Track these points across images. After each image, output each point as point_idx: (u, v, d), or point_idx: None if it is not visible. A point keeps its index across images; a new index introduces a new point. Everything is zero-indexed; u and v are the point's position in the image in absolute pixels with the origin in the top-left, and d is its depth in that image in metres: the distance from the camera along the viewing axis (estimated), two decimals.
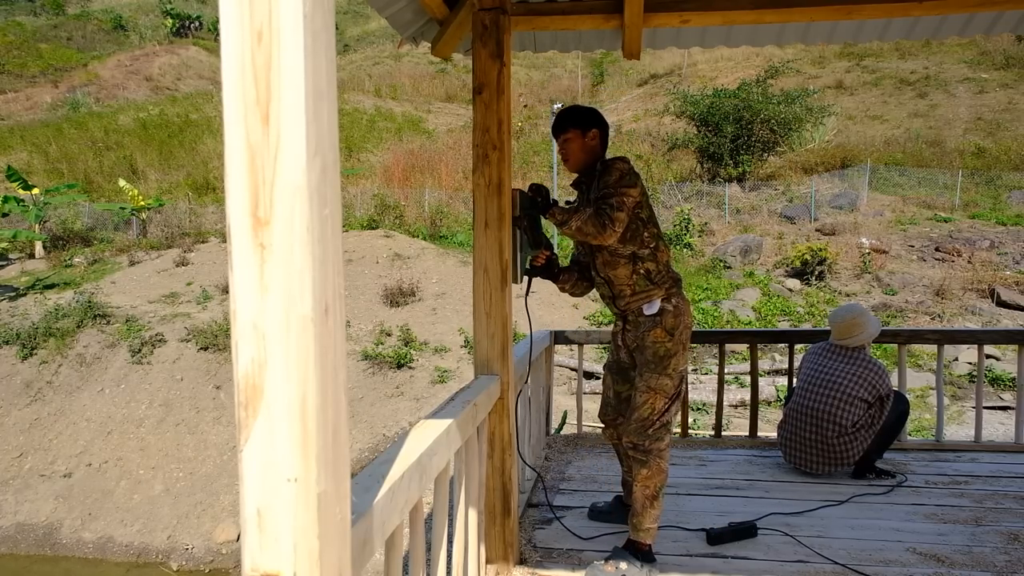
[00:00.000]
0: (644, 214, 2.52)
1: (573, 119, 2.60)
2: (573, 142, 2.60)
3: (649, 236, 2.53)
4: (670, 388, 2.50)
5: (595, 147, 2.61)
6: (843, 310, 3.57)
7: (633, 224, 2.50)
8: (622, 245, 2.52)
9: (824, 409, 3.40)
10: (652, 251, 2.53)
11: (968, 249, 14.51)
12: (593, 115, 2.63)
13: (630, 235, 2.50)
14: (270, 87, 0.77)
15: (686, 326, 2.53)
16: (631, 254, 2.52)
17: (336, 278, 0.85)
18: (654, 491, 2.46)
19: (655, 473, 2.47)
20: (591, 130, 2.59)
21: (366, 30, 42.56)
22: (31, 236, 15.71)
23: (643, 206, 2.52)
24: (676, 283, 2.57)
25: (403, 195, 19.02)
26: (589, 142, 2.60)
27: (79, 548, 8.07)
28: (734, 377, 9.59)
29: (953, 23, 2.86)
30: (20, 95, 29.17)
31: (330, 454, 0.85)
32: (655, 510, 2.47)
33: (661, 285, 2.53)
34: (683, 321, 2.52)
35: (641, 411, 2.50)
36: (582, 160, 2.62)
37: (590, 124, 2.59)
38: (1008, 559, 2.55)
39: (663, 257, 2.55)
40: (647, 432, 2.48)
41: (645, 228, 2.52)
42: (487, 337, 2.39)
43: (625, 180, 2.44)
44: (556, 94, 28.18)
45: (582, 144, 2.60)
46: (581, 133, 2.58)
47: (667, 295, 2.53)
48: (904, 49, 27.19)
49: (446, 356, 10.43)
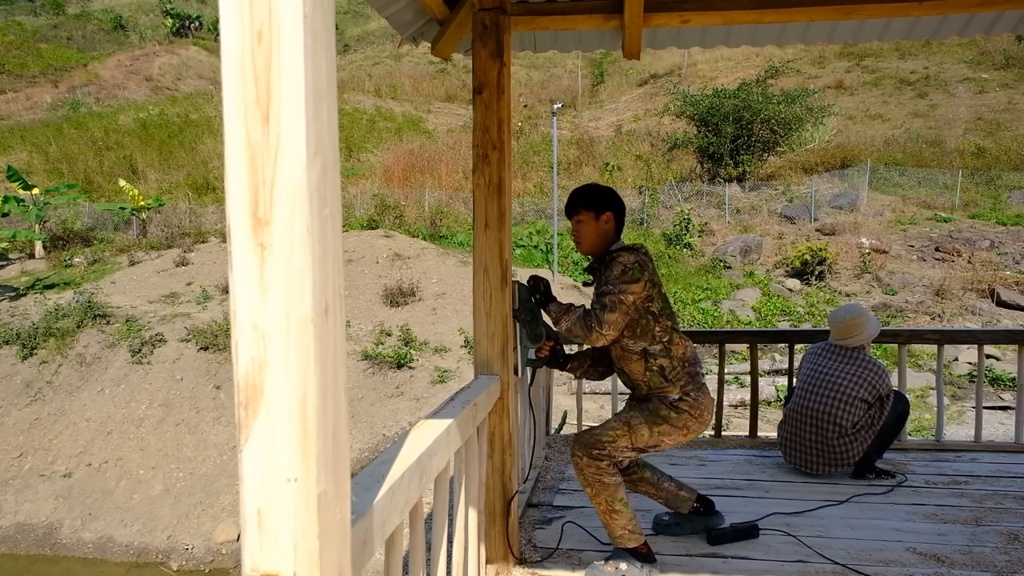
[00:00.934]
0: (655, 307, 2.41)
1: (586, 200, 2.50)
2: (586, 225, 2.50)
3: (661, 330, 2.42)
4: (642, 439, 2.41)
5: (608, 231, 2.51)
6: (842, 310, 3.57)
7: (643, 319, 2.40)
8: (632, 341, 2.43)
9: (824, 410, 3.40)
10: (665, 346, 2.42)
11: (968, 249, 14.51)
12: (608, 197, 2.52)
13: (640, 331, 2.41)
14: (270, 87, 0.76)
15: (698, 421, 2.43)
16: (642, 350, 2.42)
17: (336, 278, 0.85)
18: (607, 505, 2.41)
19: (600, 491, 2.41)
20: (605, 213, 2.48)
21: (366, 30, 42.56)
22: (31, 236, 15.71)
23: (653, 299, 2.40)
24: (693, 378, 2.45)
25: (403, 195, 19.03)
26: (603, 225, 2.50)
27: (79, 548, 8.07)
28: (734, 377, 9.60)
29: (953, 23, 2.86)
30: (20, 95, 29.17)
31: (330, 454, 0.85)
32: (619, 519, 2.41)
33: (676, 382, 2.43)
34: (697, 419, 2.42)
35: (602, 433, 2.43)
36: (594, 244, 2.51)
37: (604, 206, 2.49)
38: (1008, 559, 2.55)
39: (678, 351, 2.44)
40: (592, 452, 2.41)
41: (656, 322, 2.41)
42: (487, 337, 2.39)
43: (627, 275, 2.34)
44: (556, 94, 28.18)
45: (595, 227, 2.50)
46: (594, 216, 2.48)
47: (683, 392, 2.43)
48: (904, 49, 27.20)
49: (446, 356, 10.43)
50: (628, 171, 21.55)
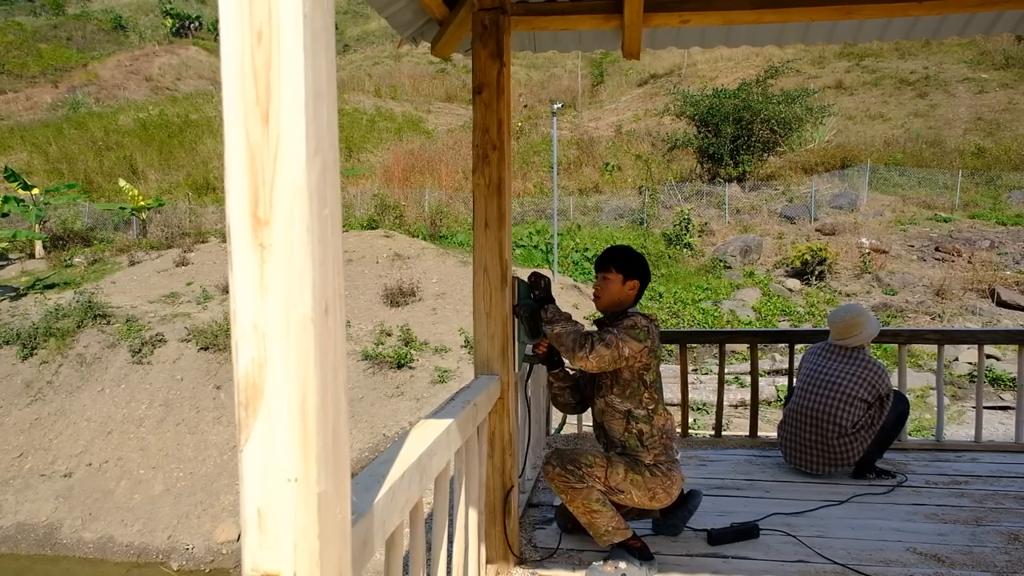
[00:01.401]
0: (649, 377, 2.49)
1: (620, 262, 2.59)
2: (612, 283, 2.59)
3: (649, 399, 2.50)
4: (615, 479, 2.44)
5: (629, 297, 2.60)
6: (842, 310, 3.57)
7: (634, 383, 2.48)
8: (620, 400, 2.50)
9: (824, 410, 3.40)
10: (649, 413, 2.50)
11: (968, 249, 14.51)
12: (641, 265, 2.61)
13: (629, 392, 2.49)
14: (270, 87, 0.76)
15: (665, 491, 2.48)
16: (627, 411, 2.50)
17: (336, 278, 0.85)
18: (584, 507, 2.43)
19: (573, 497, 2.42)
20: (632, 280, 2.58)
21: (366, 30, 42.57)
22: (31, 236, 15.71)
23: (650, 368, 2.49)
24: (667, 451, 2.50)
25: (403, 195, 19.03)
26: (627, 291, 2.59)
27: (79, 548, 8.07)
28: (734, 377, 9.60)
29: (953, 23, 2.86)
30: (20, 95, 29.19)
31: (330, 454, 0.85)
32: (600, 518, 2.43)
33: (651, 450, 2.49)
34: (665, 490, 2.48)
35: (581, 456, 2.45)
36: (611, 304, 2.60)
37: (634, 274, 2.59)
38: (1008, 559, 2.55)
39: (659, 421, 2.51)
40: (565, 464, 2.42)
41: (646, 390, 2.49)
42: (487, 337, 2.39)
43: (634, 332, 2.42)
44: (556, 94, 28.18)
45: (619, 290, 2.59)
46: (623, 279, 2.58)
47: (656, 461, 2.48)
48: (904, 49, 27.20)
49: (446, 356, 10.43)
50: (628, 171, 21.55)
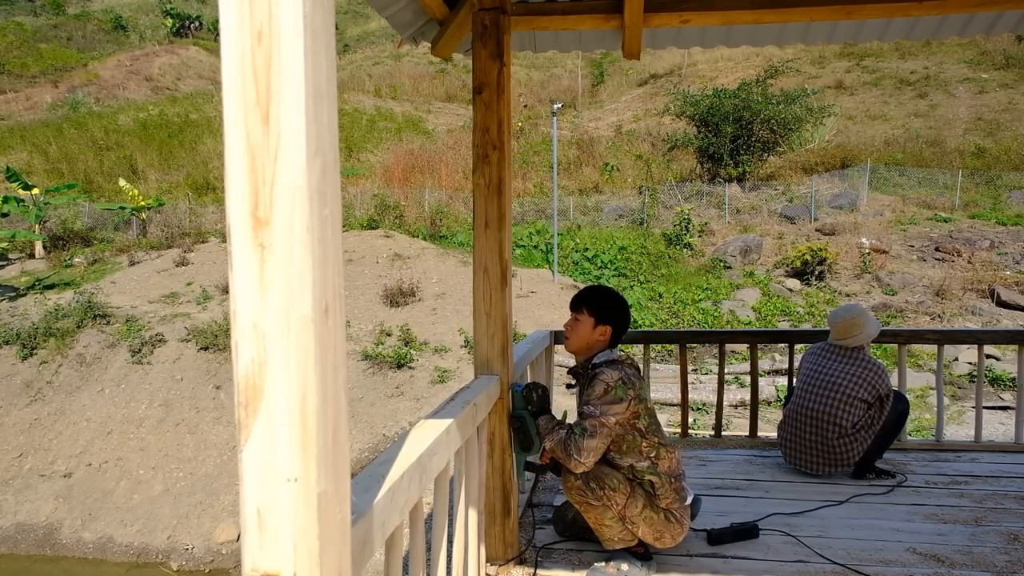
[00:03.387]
0: (642, 424, 2.36)
1: (592, 303, 2.46)
2: (582, 326, 2.46)
3: (648, 446, 2.38)
4: (632, 512, 2.38)
5: (600, 343, 2.46)
6: (842, 310, 3.56)
7: (629, 436, 2.35)
8: (619, 456, 2.38)
9: (824, 410, 3.39)
10: (652, 461, 2.38)
11: (968, 249, 14.52)
12: (615, 310, 2.46)
13: (626, 447, 2.37)
14: (270, 87, 0.76)
15: (671, 539, 2.42)
16: (629, 466, 2.38)
17: (336, 278, 0.85)
18: (597, 522, 2.41)
19: (587, 510, 2.40)
20: (603, 325, 2.44)
21: (366, 30, 42.57)
22: (31, 236, 15.71)
23: (640, 415, 2.35)
24: (679, 494, 2.42)
25: (403, 195, 19.03)
26: (596, 336, 2.45)
27: (79, 548, 8.07)
28: (734, 377, 9.60)
29: (953, 23, 2.86)
30: (20, 95, 29.19)
31: (330, 454, 0.85)
32: (610, 532, 2.42)
33: (663, 498, 2.39)
34: (672, 536, 2.41)
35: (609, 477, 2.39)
36: (580, 348, 2.48)
37: (606, 319, 2.44)
38: (1008, 559, 2.55)
39: (664, 465, 2.39)
40: (590, 483, 2.35)
41: (644, 438, 2.37)
42: (487, 337, 2.39)
43: (609, 396, 2.28)
44: (556, 94, 28.19)
45: (588, 334, 2.45)
46: (593, 323, 2.44)
47: (669, 508, 2.40)
48: (904, 49, 27.20)
49: (446, 356, 10.43)
50: (628, 171, 21.56)
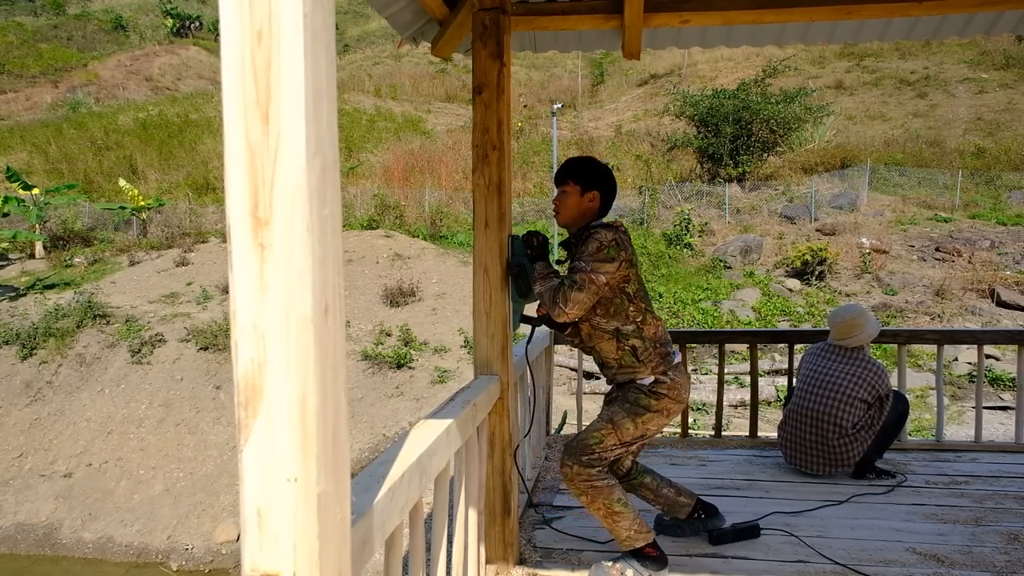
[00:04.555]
0: (631, 288, 2.37)
1: (576, 172, 2.45)
2: (569, 197, 2.45)
3: (635, 311, 2.38)
4: (628, 434, 2.38)
5: (590, 209, 2.46)
6: (843, 310, 3.56)
7: (617, 299, 2.36)
8: (604, 320, 2.39)
9: (824, 410, 3.39)
10: (638, 326, 2.38)
11: (968, 249, 14.51)
12: (599, 175, 2.46)
13: (613, 310, 2.37)
14: (270, 87, 0.77)
15: (677, 401, 2.40)
16: (615, 330, 2.39)
17: (336, 278, 0.85)
18: (607, 510, 2.37)
19: (595, 497, 2.37)
20: (591, 191, 2.43)
21: (366, 30, 42.56)
22: (31, 236, 15.71)
23: (630, 279, 2.36)
24: (664, 359, 2.41)
25: (403, 195, 19.02)
26: (585, 203, 2.45)
27: (79, 548, 8.07)
28: (734, 377, 9.59)
29: (953, 23, 2.86)
30: (20, 95, 29.18)
31: (330, 454, 0.85)
32: (623, 520, 2.37)
33: (647, 363, 2.39)
34: (676, 397, 2.40)
35: (588, 436, 2.40)
36: (573, 219, 2.47)
37: (592, 184, 2.44)
38: (1008, 559, 2.55)
39: (650, 331, 2.39)
40: (580, 459, 2.37)
41: (631, 303, 2.37)
42: (487, 337, 2.39)
43: (602, 254, 2.28)
44: (556, 94, 28.18)
45: (577, 203, 2.45)
46: (580, 191, 2.43)
47: (656, 374, 2.40)
48: (904, 49, 27.20)
49: (446, 356, 10.43)
50: (628, 171, 21.55)
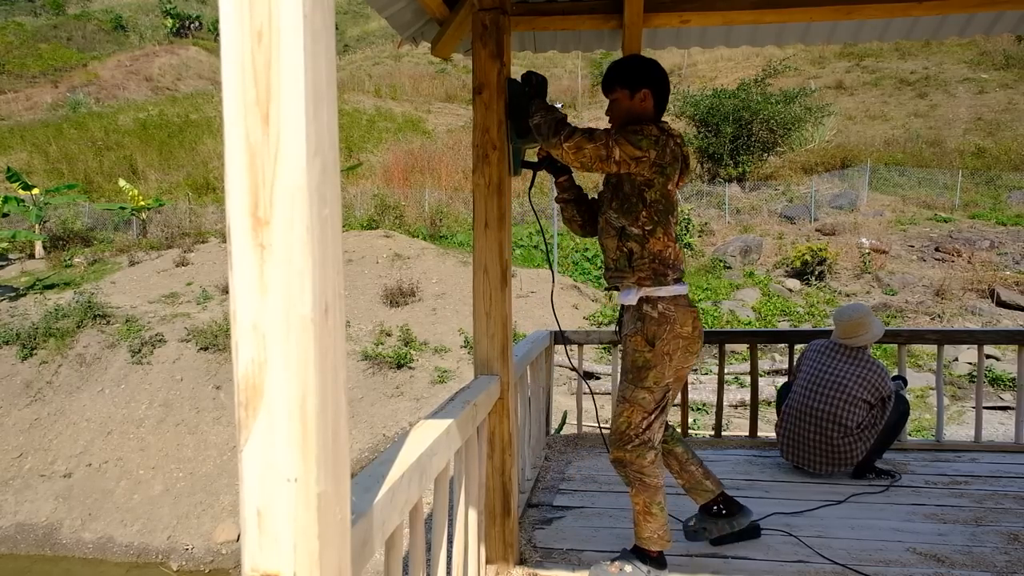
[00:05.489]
0: (650, 195, 2.20)
1: (622, 75, 2.26)
2: (620, 103, 2.28)
3: (646, 217, 2.22)
4: (649, 402, 2.28)
5: (646, 110, 2.25)
6: (849, 309, 3.55)
7: (634, 197, 2.22)
8: (616, 215, 2.27)
9: (827, 409, 3.38)
10: (645, 234, 2.23)
11: (968, 249, 14.51)
12: (645, 70, 2.25)
13: (627, 207, 2.24)
14: (270, 87, 0.76)
15: (674, 336, 2.24)
16: (621, 228, 2.26)
17: (336, 278, 0.85)
18: (644, 506, 2.35)
19: (640, 491, 2.33)
20: (641, 90, 2.23)
21: (366, 30, 42.56)
22: (31, 236, 15.71)
23: (653, 185, 2.19)
24: (656, 276, 2.24)
25: (403, 195, 19.02)
26: (639, 104, 2.25)
27: (79, 548, 8.07)
28: (734, 377, 9.59)
29: (953, 23, 2.86)
30: (20, 95, 29.18)
31: (330, 454, 0.85)
32: (652, 523, 2.36)
33: (636, 272, 2.25)
34: (669, 331, 2.23)
35: (618, 423, 2.34)
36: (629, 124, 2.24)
37: (640, 82, 2.23)
38: (1008, 559, 2.55)
39: (655, 245, 2.23)
40: (626, 447, 2.31)
41: (645, 208, 2.22)
42: (487, 337, 2.39)
43: (635, 138, 2.11)
44: (556, 94, 28.15)
45: (630, 107, 2.26)
46: (629, 93, 2.24)
47: (648, 296, 2.25)
48: (904, 49, 27.20)
49: (446, 356, 10.43)
50: None
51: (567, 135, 2.11)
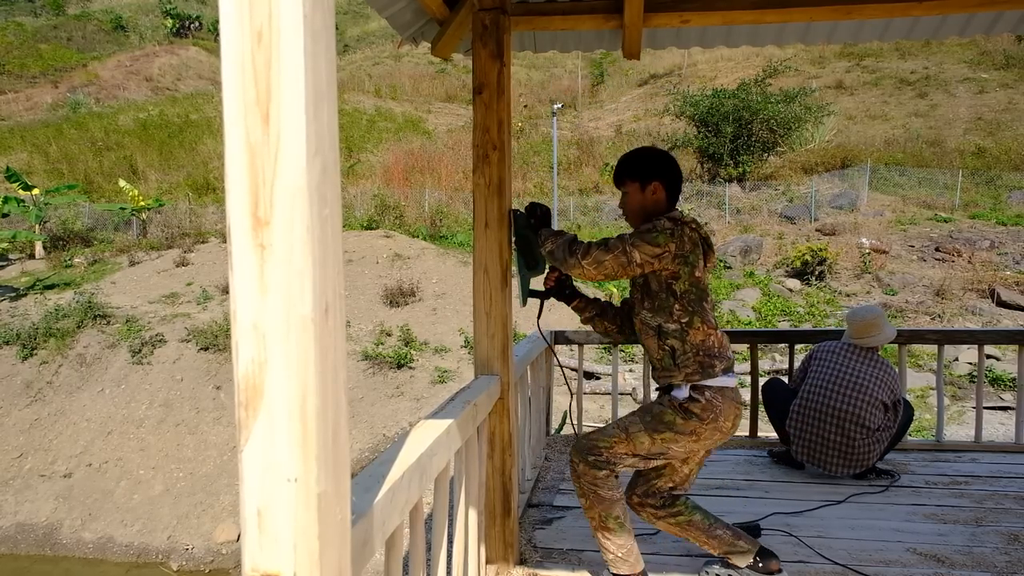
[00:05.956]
0: (679, 287, 2.17)
1: (631, 169, 2.29)
2: (632, 197, 2.29)
3: (680, 310, 2.18)
4: (643, 448, 2.18)
5: (658, 202, 2.26)
6: (862, 310, 3.56)
7: (663, 294, 2.19)
8: (651, 315, 2.23)
9: (849, 410, 3.34)
10: (683, 327, 2.18)
11: (968, 249, 14.52)
12: (656, 163, 2.28)
13: (658, 305, 2.21)
14: (270, 87, 0.76)
15: (714, 428, 2.16)
16: (658, 326, 2.21)
17: (336, 278, 0.85)
18: (600, 521, 2.23)
19: (595, 503, 2.23)
20: (652, 182, 2.25)
21: (366, 30, 42.57)
22: (31, 236, 15.71)
23: (680, 277, 2.16)
24: (704, 369, 2.17)
25: (403, 195, 19.03)
26: (649, 197, 2.26)
27: (79, 548, 8.07)
28: None
29: (953, 23, 2.86)
30: (20, 95, 29.19)
31: (330, 454, 0.85)
32: (613, 538, 2.23)
33: (683, 368, 2.18)
34: (711, 420, 2.15)
35: (598, 439, 2.24)
36: (641, 217, 2.28)
37: (651, 175, 2.26)
38: (1008, 559, 2.55)
39: (696, 336, 2.17)
40: (587, 459, 2.23)
41: (677, 301, 2.17)
42: (487, 337, 2.39)
43: (650, 236, 2.11)
44: (556, 94, 28.19)
45: (642, 199, 2.27)
46: (640, 187, 2.26)
47: (695, 385, 2.17)
48: (904, 49, 27.20)
49: (446, 356, 10.43)
50: None
51: (583, 253, 2.15)
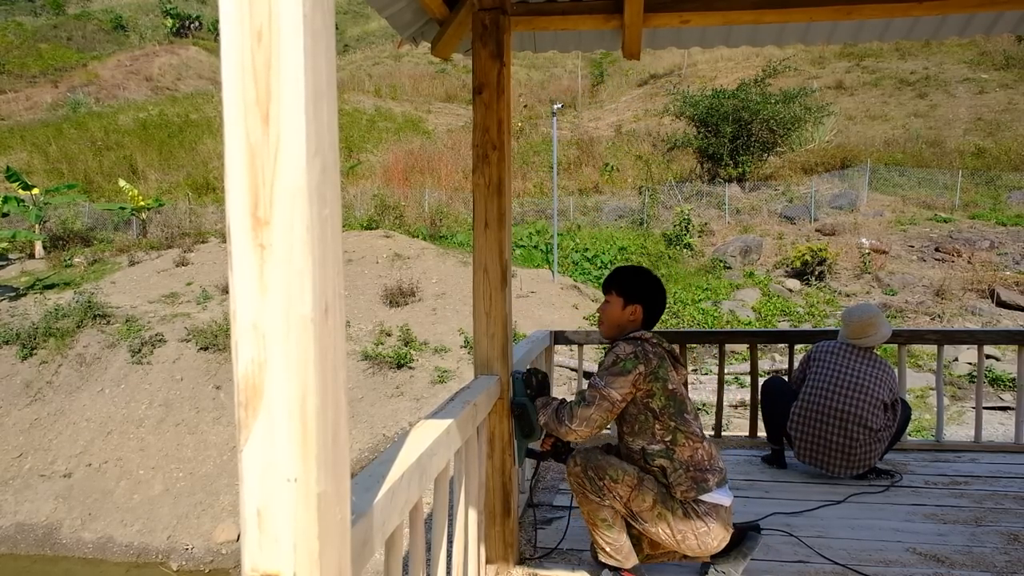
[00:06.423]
0: (656, 404, 2.20)
1: (620, 284, 2.38)
2: (611, 307, 2.39)
3: (662, 429, 2.20)
4: (642, 505, 2.19)
5: (631, 323, 2.36)
6: (858, 309, 3.53)
7: (641, 415, 2.22)
8: (632, 439, 2.25)
9: (851, 411, 3.32)
10: (668, 446, 2.19)
11: (968, 249, 14.51)
12: (644, 289, 2.36)
13: (638, 428, 2.23)
14: (270, 87, 0.76)
15: (699, 544, 2.18)
16: (641, 449, 2.22)
17: (336, 278, 0.85)
18: (589, 517, 2.28)
19: (582, 502, 2.28)
20: (633, 305, 2.35)
21: (366, 30, 42.57)
22: (31, 236, 15.71)
23: (654, 395, 2.20)
24: (698, 485, 2.17)
25: (403, 195, 19.03)
26: (627, 316, 2.36)
27: (79, 548, 8.07)
28: (734, 377, 9.59)
29: (953, 23, 2.86)
30: (20, 95, 29.19)
31: (330, 454, 0.85)
32: (601, 535, 2.26)
33: (676, 487, 2.18)
34: (698, 537, 2.17)
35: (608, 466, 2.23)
36: (611, 331, 2.40)
37: (635, 298, 2.35)
38: (1008, 559, 2.55)
39: (684, 453, 2.19)
40: (588, 471, 2.24)
41: (657, 420, 2.20)
42: (487, 337, 2.39)
43: (617, 367, 2.19)
44: (556, 94, 28.18)
45: (618, 315, 2.37)
46: (622, 303, 2.36)
47: (685, 499, 2.18)
48: (904, 49, 27.20)
49: (446, 356, 10.43)
50: (628, 171, 21.55)
51: (570, 418, 2.22)
